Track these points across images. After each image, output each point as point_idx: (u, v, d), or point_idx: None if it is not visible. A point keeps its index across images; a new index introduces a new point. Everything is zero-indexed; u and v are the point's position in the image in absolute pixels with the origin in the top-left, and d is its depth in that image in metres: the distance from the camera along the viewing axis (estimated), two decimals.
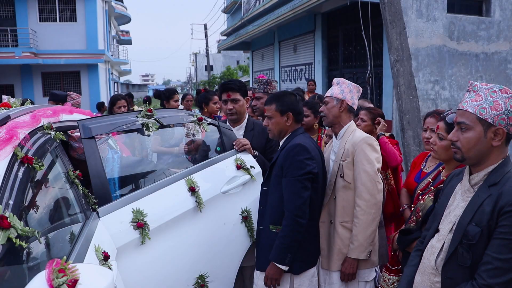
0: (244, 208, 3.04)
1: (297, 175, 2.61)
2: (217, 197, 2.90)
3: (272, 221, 2.72)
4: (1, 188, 1.48)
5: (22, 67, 21.14)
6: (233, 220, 2.98)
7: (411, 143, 5.62)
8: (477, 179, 1.85)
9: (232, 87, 3.40)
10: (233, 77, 40.91)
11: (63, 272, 1.24)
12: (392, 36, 5.63)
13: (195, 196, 2.73)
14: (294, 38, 14.76)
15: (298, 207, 2.57)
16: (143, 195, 2.49)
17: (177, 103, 5.80)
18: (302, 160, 2.63)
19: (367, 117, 3.90)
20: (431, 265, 1.91)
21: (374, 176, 2.73)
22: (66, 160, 2.20)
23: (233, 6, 20.61)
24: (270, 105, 2.83)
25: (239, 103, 3.42)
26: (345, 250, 2.77)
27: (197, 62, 53.63)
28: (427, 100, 9.43)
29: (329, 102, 2.93)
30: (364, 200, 2.70)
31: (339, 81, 3.00)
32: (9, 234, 1.33)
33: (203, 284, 2.68)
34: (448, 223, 1.90)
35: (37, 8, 21.25)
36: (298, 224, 2.56)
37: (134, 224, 2.28)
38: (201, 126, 3.14)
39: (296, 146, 2.67)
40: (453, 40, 9.61)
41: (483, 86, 1.82)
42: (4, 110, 2.26)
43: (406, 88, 5.63)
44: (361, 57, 10.48)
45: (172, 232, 2.53)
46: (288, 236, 2.57)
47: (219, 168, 3.05)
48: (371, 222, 2.70)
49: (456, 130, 1.87)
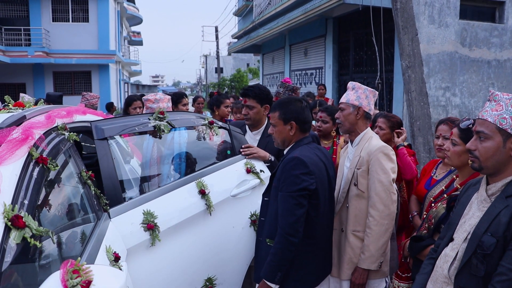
0: (253, 212, 3.05)
1: (291, 190, 2.40)
2: (226, 200, 2.91)
3: (268, 235, 2.54)
4: (16, 187, 1.49)
5: (34, 66, 21.39)
6: (242, 224, 2.98)
7: (421, 149, 5.59)
8: (494, 189, 1.84)
9: (248, 94, 3.39)
10: (243, 79, 40.96)
11: (77, 273, 1.26)
12: (404, 42, 5.62)
13: (205, 199, 2.74)
14: (305, 42, 14.77)
15: (290, 224, 2.37)
16: (154, 197, 2.49)
17: (186, 107, 5.63)
18: (298, 175, 2.41)
19: (386, 125, 3.75)
20: (444, 273, 1.90)
21: (389, 186, 2.67)
22: (79, 160, 2.22)
23: (245, 9, 20.66)
24: (274, 113, 2.67)
25: (254, 109, 3.39)
26: (356, 260, 2.73)
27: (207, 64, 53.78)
28: (438, 107, 9.39)
29: (345, 109, 2.85)
30: (377, 210, 2.64)
31: (355, 86, 2.90)
32: (24, 233, 1.34)
33: (211, 286, 2.68)
34: (463, 232, 1.89)
35: (50, 8, 21.51)
36: (289, 243, 2.36)
37: (145, 226, 2.29)
38: (212, 129, 3.16)
39: (292, 160, 2.46)
40: (465, 47, 9.57)
41: (504, 96, 1.81)
42: (19, 110, 2.29)
43: (417, 94, 5.61)
44: (372, 62, 10.46)
45: (182, 234, 2.54)
46: (278, 254, 2.38)
47: (229, 172, 3.05)
48: (383, 233, 2.65)
49: (475, 139, 1.85)
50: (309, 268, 2.59)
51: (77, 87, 22.10)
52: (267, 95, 3.42)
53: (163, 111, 2.84)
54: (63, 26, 21.75)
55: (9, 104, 2.52)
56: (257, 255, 2.74)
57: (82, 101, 6.12)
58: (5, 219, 1.33)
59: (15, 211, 1.37)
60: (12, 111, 2.32)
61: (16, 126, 1.79)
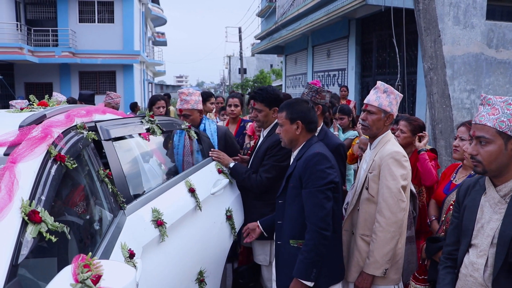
0: (227, 208, 3.41)
1: (318, 185, 2.48)
2: (208, 198, 3.16)
3: (291, 236, 2.60)
4: (34, 184, 1.54)
5: (61, 66, 21.89)
6: (221, 219, 3.28)
7: (443, 153, 5.51)
8: (506, 189, 1.85)
9: (256, 98, 3.50)
10: (266, 80, 41.01)
11: (88, 267, 1.30)
12: (427, 44, 5.54)
13: (194, 197, 2.95)
14: (328, 43, 14.70)
15: (321, 219, 2.44)
16: (156, 196, 2.60)
17: (213, 106, 6.05)
18: (323, 170, 2.51)
19: (407, 128, 3.71)
20: (479, 281, 1.87)
21: (397, 193, 2.60)
22: (97, 159, 2.27)
23: (268, 10, 20.66)
24: (281, 113, 2.75)
25: (262, 112, 3.50)
26: (362, 264, 2.71)
27: (230, 65, 53.95)
28: (462, 109, 9.23)
29: (376, 113, 2.75)
30: (384, 217, 2.60)
31: (387, 89, 2.77)
32: (40, 228, 1.39)
33: (202, 279, 2.79)
34: (486, 237, 1.87)
35: (77, 9, 22.01)
36: (322, 237, 2.43)
37: (155, 222, 2.35)
38: (189, 133, 3.66)
39: (316, 155, 2.55)
40: (491, 48, 9.38)
41: (498, 99, 1.84)
42: (41, 109, 2.36)
43: (440, 97, 5.53)
44: (395, 64, 10.33)
45: (180, 230, 2.64)
46: (313, 250, 2.42)
47: (206, 172, 3.42)
48: (389, 240, 2.59)
49: (475, 144, 1.87)
50: (337, 261, 2.68)
51: (102, 86, 22.51)
52: (276, 98, 3.48)
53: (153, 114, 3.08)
54: (89, 27, 22.23)
55: (33, 103, 2.60)
56: (277, 260, 2.74)
57: (106, 100, 6.30)
58: (23, 213, 1.38)
59: (32, 206, 1.42)
60: (35, 110, 2.40)
61: (36, 125, 1.85)
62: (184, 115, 3.99)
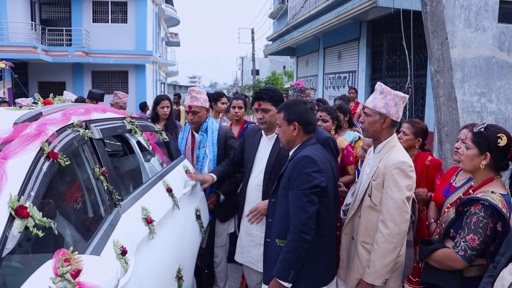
0: (196, 208, 3.54)
1: (303, 188, 2.47)
2: (182, 197, 3.26)
3: (278, 235, 2.61)
4: (25, 179, 1.56)
5: (74, 65, 22.11)
6: (192, 218, 3.41)
7: (449, 156, 5.47)
8: None
9: (263, 97, 3.31)
10: (278, 82, 41.00)
11: (68, 262, 1.32)
12: (434, 46, 5.51)
13: (171, 196, 3.04)
14: (339, 45, 14.65)
15: (303, 222, 2.43)
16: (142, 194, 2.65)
17: (224, 106, 6.06)
18: (309, 173, 2.49)
19: (410, 131, 3.68)
20: None
21: (402, 204, 2.54)
22: (94, 157, 2.30)
23: (279, 12, 20.67)
24: (280, 114, 2.76)
25: (269, 113, 3.30)
26: (362, 271, 2.68)
27: (243, 66, 54.03)
28: (472, 113, 9.12)
29: (371, 116, 2.71)
30: (387, 228, 2.54)
31: (384, 90, 2.73)
32: (26, 223, 1.41)
33: (181, 276, 2.85)
34: None
35: (91, 9, 22.23)
36: (303, 240, 2.42)
37: (145, 220, 2.38)
38: (162, 135, 3.81)
39: (303, 158, 2.55)
40: (503, 51, 9.26)
41: None
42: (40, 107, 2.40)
43: (446, 99, 5.49)
44: (405, 66, 10.28)
45: (163, 228, 2.68)
46: (292, 252, 2.43)
47: (177, 173, 3.52)
48: (391, 251, 2.54)
49: None
50: (320, 266, 2.65)
51: (114, 86, 22.69)
52: (281, 97, 3.37)
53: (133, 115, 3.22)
54: (102, 27, 22.43)
55: (38, 102, 2.65)
56: (265, 256, 2.78)
57: (114, 99, 6.34)
58: (10, 208, 1.40)
59: (20, 202, 1.44)
60: (33, 108, 2.44)
61: (30, 122, 1.88)
62: (193, 111, 4.03)
